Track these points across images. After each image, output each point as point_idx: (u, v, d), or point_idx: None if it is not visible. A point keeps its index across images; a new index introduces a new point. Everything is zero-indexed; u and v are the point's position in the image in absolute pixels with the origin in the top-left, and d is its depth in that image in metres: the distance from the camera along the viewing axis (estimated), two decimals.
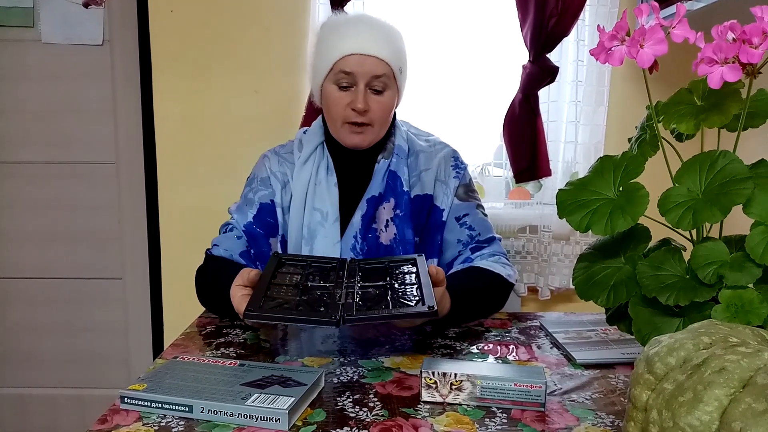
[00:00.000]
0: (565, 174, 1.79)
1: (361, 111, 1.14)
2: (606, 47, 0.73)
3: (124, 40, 1.89)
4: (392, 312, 0.87)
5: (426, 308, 0.86)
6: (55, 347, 2.03)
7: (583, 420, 0.74)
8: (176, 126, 1.82)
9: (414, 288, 0.93)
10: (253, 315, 0.85)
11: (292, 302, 0.88)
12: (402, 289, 0.93)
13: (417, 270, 0.98)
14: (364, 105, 1.13)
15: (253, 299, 0.87)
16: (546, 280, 1.83)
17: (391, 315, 0.87)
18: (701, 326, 0.58)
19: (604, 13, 1.73)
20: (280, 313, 0.86)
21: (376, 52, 1.13)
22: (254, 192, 1.22)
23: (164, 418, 0.73)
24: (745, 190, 0.68)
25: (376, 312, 0.87)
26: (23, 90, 1.92)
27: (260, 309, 0.86)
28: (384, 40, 1.15)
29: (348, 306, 0.88)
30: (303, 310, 0.87)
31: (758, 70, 0.69)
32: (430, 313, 0.86)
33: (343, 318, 0.85)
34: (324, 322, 0.85)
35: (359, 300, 0.91)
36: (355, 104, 1.14)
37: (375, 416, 0.75)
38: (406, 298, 0.90)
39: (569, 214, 0.78)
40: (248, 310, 0.85)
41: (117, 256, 2.00)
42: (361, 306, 0.89)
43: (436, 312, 0.86)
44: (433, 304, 0.86)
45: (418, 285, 0.93)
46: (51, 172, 1.95)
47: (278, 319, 0.86)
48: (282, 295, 0.91)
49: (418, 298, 0.90)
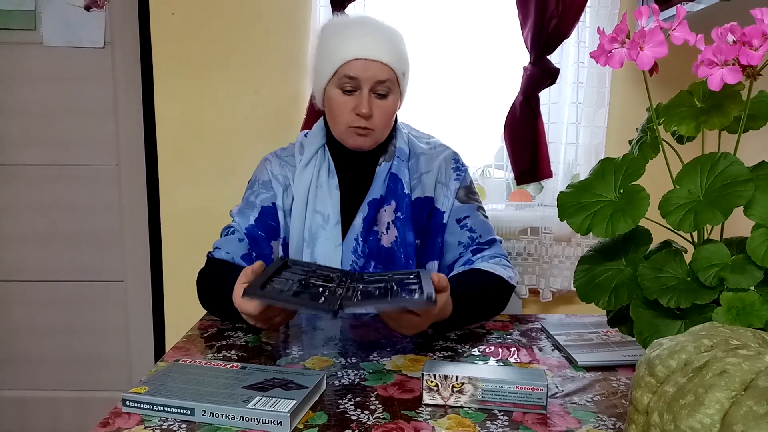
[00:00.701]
0: (566, 176, 1.79)
1: (366, 116, 1.14)
2: (606, 50, 0.73)
3: (126, 42, 1.90)
4: (389, 302, 0.86)
5: (424, 297, 0.83)
6: (57, 350, 2.03)
7: (584, 422, 0.74)
8: (177, 128, 1.82)
9: (414, 285, 0.93)
10: (251, 293, 0.84)
11: (293, 291, 0.89)
12: (401, 286, 0.93)
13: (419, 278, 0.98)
14: (368, 110, 1.13)
15: (254, 282, 0.87)
16: (547, 282, 1.83)
17: (390, 302, 0.86)
18: (702, 329, 0.58)
19: (605, 14, 1.73)
20: (278, 294, 0.85)
21: (380, 57, 1.13)
22: (256, 195, 1.22)
23: (166, 421, 0.74)
24: (746, 192, 0.68)
25: (374, 302, 0.87)
26: (25, 92, 1.92)
27: (260, 289, 0.85)
28: (388, 45, 1.15)
29: (347, 299, 0.88)
30: (302, 297, 0.87)
31: (758, 72, 0.69)
32: (428, 301, 0.83)
33: (340, 305, 0.84)
34: (321, 308, 0.84)
35: (359, 294, 0.91)
36: (359, 109, 1.14)
37: (376, 419, 0.75)
38: (405, 293, 0.89)
39: (570, 216, 0.78)
40: (247, 289, 0.84)
41: (118, 259, 2.00)
42: (361, 299, 0.89)
43: (435, 301, 0.83)
44: (431, 292, 0.84)
45: (418, 283, 0.93)
46: (53, 174, 1.96)
47: (276, 300, 0.85)
48: (283, 284, 0.91)
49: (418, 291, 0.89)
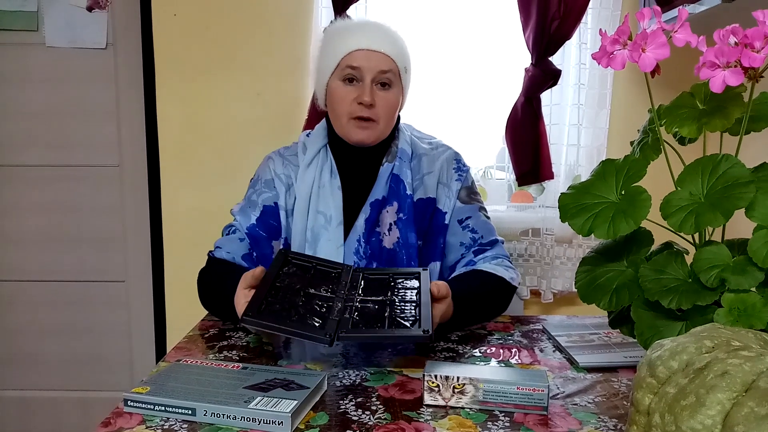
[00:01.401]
0: (567, 177, 1.79)
1: (368, 104, 1.15)
2: (608, 51, 0.73)
3: (128, 43, 1.90)
4: (386, 333, 0.88)
5: (421, 332, 0.86)
6: (58, 350, 2.03)
7: (585, 423, 0.74)
8: (179, 129, 1.83)
9: (413, 307, 0.93)
10: (249, 321, 0.86)
11: (291, 311, 0.89)
12: (401, 306, 0.94)
13: (419, 286, 0.98)
14: (370, 98, 1.14)
15: (253, 303, 0.88)
16: (549, 283, 1.83)
17: (385, 336, 0.88)
18: (704, 330, 0.58)
19: (607, 16, 1.73)
20: (276, 322, 0.87)
21: (382, 48, 1.16)
22: (258, 194, 1.22)
23: (167, 421, 0.74)
24: (747, 194, 0.68)
25: (371, 332, 0.88)
26: (27, 93, 1.92)
27: (258, 315, 0.87)
28: (390, 38, 1.18)
29: (344, 322, 0.89)
30: (298, 321, 0.88)
31: (760, 74, 0.69)
32: (424, 337, 0.86)
33: (337, 335, 0.86)
34: (317, 339, 0.86)
35: (356, 315, 0.91)
36: (362, 97, 1.15)
37: (377, 420, 0.75)
38: (403, 317, 0.91)
39: (572, 217, 0.78)
40: (246, 314, 0.86)
41: (120, 259, 2.00)
42: (357, 322, 0.90)
43: (431, 336, 0.86)
44: (428, 327, 0.86)
45: (418, 303, 0.93)
46: (54, 174, 1.96)
47: (273, 329, 0.86)
48: (281, 300, 0.91)
49: (415, 319, 0.90)
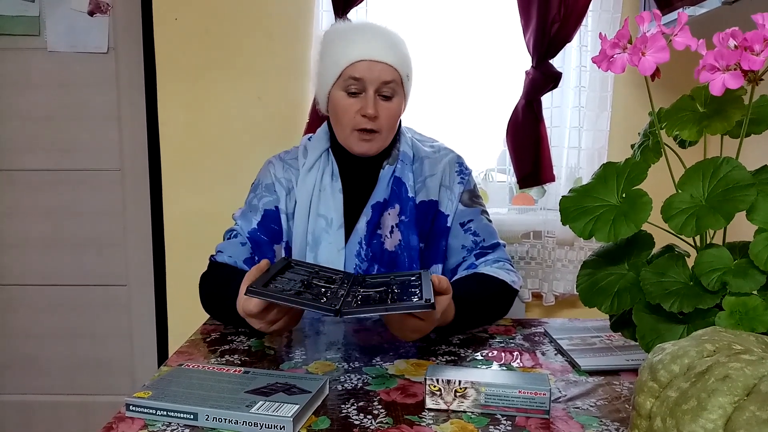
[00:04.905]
0: (568, 179, 1.79)
1: (371, 117, 1.14)
2: (608, 55, 0.73)
3: (129, 47, 1.90)
4: (390, 306, 0.87)
5: (423, 301, 0.84)
6: (60, 354, 2.04)
7: (587, 427, 0.74)
8: (181, 132, 1.83)
9: (414, 289, 0.93)
10: (254, 291, 0.85)
11: (295, 291, 0.89)
12: (402, 290, 0.94)
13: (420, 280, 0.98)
14: (374, 111, 1.14)
15: (257, 280, 0.88)
16: (550, 286, 1.83)
17: (389, 308, 0.87)
18: (705, 333, 0.58)
19: (607, 19, 1.73)
20: (280, 293, 0.86)
21: (385, 58, 1.14)
22: (258, 198, 1.23)
23: (169, 426, 0.74)
24: (748, 197, 0.68)
25: (375, 306, 0.87)
26: (29, 97, 1.93)
27: (262, 288, 0.86)
28: (392, 47, 1.16)
29: (348, 303, 0.89)
30: (304, 296, 0.88)
31: (760, 77, 0.69)
32: (427, 305, 0.83)
33: (342, 311, 0.85)
34: (323, 309, 0.85)
35: (360, 299, 0.91)
36: (365, 110, 1.14)
37: (379, 423, 0.75)
38: (405, 296, 0.90)
39: (572, 220, 0.78)
40: (250, 287, 0.85)
41: (121, 263, 2.01)
42: (361, 304, 0.89)
43: (433, 305, 0.84)
44: (430, 296, 0.85)
45: (418, 286, 0.93)
46: (56, 178, 1.97)
47: (278, 299, 0.86)
48: (286, 283, 0.92)
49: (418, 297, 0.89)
